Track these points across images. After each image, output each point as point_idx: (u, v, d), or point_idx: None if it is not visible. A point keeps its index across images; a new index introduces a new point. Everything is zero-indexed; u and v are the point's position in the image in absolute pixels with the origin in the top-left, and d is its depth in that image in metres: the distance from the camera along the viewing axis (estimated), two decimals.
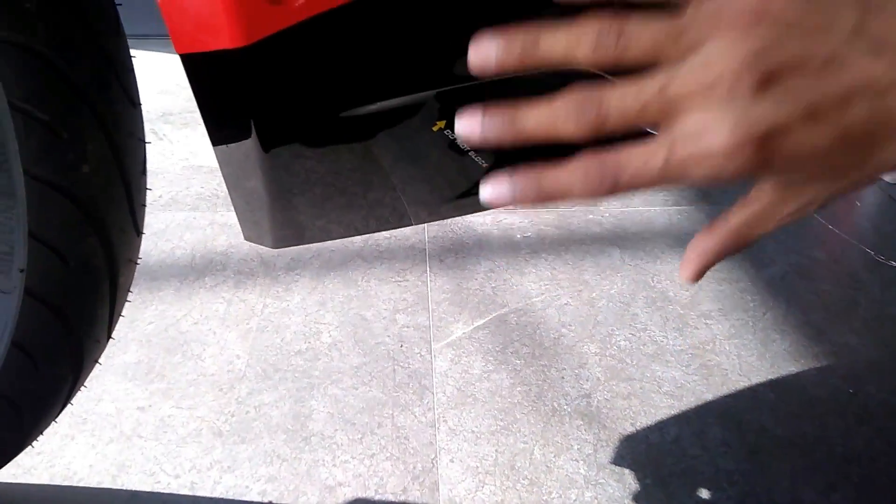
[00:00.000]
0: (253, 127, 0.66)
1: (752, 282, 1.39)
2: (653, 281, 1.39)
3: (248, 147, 0.70)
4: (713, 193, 1.69)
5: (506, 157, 0.79)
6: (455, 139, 0.75)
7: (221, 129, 0.69)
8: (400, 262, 1.43)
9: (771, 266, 1.44)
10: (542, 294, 1.34)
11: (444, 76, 0.62)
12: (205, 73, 0.61)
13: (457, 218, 1.57)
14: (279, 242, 0.89)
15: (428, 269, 1.41)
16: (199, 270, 1.39)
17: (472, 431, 1.05)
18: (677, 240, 1.53)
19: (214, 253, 1.45)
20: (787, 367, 1.19)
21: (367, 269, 1.41)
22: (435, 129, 0.72)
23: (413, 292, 1.34)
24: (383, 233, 1.49)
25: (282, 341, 1.23)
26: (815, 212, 0.61)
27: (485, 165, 0.82)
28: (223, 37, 0.56)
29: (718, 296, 1.35)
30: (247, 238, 0.92)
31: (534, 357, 1.20)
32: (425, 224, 1.60)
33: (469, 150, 0.78)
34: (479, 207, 0.88)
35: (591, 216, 1.60)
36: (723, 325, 1.27)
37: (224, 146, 0.72)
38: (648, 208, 1.63)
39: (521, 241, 1.50)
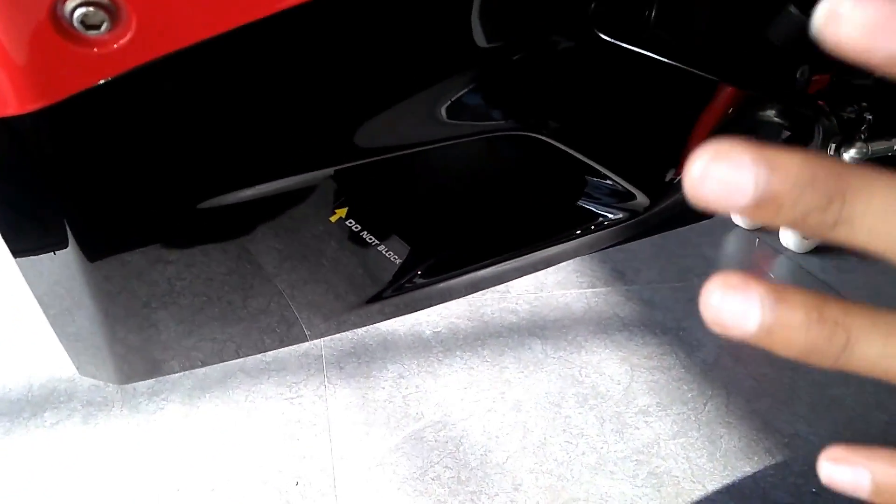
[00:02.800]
0: (68, 228, 0.46)
1: (685, 368, 1.27)
2: (580, 374, 1.24)
3: (66, 257, 0.49)
4: (627, 273, 1.59)
5: (431, 249, 0.62)
6: (360, 230, 0.57)
7: (22, 233, 0.48)
8: (291, 373, 1.21)
9: (701, 349, 1.33)
10: (462, 400, 1.16)
11: (345, 147, 0.45)
12: None
13: None
14: (127, 378, 0.67)
15: (326, 379, 1.20)
16: (37, 404, 1.11)
17: None
18: (599, 325, 1.40)
19: (57, 379, 1.17)
20: (741, 466, 1.05)
21: (252, 385, 1.18)
22: (333, 219, 0.55)
23: (309, 411, 1.12)
24: None
25: (143, 490, 0.96)
26: None
27: (397, 261, 0.64)
28: (6, 97, 0.36)
29: (653, 387, 1.22)
30: (84, 374, 0.69)
31: (459, 482, 1.00)
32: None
33: (378, 244, 0.60)
34: (393, 314, 0.70)
35: (504, 304, 1.44)
36: (664, 423, 1.13)
37: (29, 257, 0.51)
38: (564, 291, 1.50)
39: (432, 338, 1.32)
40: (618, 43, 0.48)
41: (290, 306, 0.64)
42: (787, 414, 1.17)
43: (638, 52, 0.50)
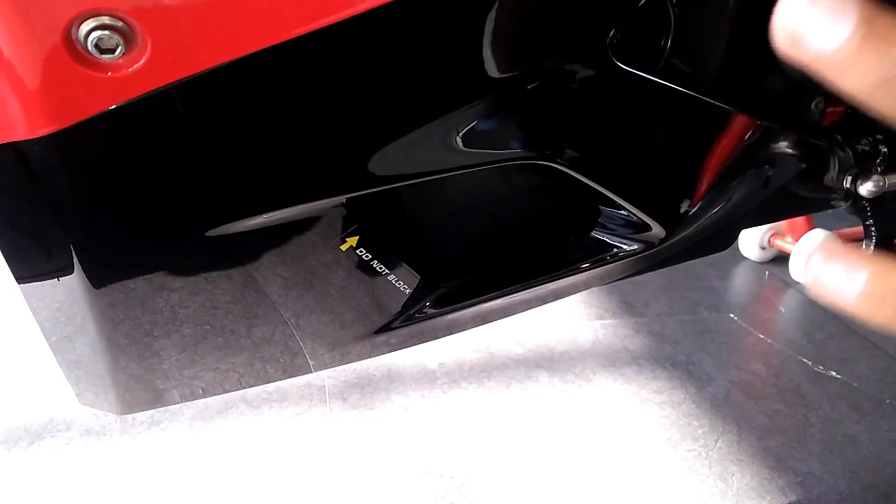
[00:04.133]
0: (74, 254, 0.45)
1: (695, 403, 1.25)
2: (588, 408, 1.22)
3: (71, 283, 0.48)
4: (636, 305, 1.57)
5: (441, 279, 0.61)
6: (370, 259, 0.56)
7: (27, 258, 0.47)
8: (294, 404, 1.19)
9: (711, 384, 1.31)
10: (467, 434, 1.14)
11: (359, 175, 0.44)
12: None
13: None
14: (128, 408, 0.65)
15: (329, 410, 1.18)
16: (35, 433, 1.09)
17: None
18: (607, 358, 1.38)
19: (55, 408, 1.15)
20: None
21: (254, 415, 1.16)
22: (344, 247, 0.53)
23: (312, 442, 1.10)
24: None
25: None
26: None
27: (406, 291, 0.63)
28: (16, 121, 0.35)
29: (663, 423, 1.19)
30: (84, 403, 0.67)
31: None
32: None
33: (388, 272, 0.59)
34: (399, 345, 0.68)
35: (511, 335, 1.43)
36: (674, 460, 1.11)
37: (34, 284, 0.50)
38: (571, 323, 1.48)
39: (437, 369, 1.31)
40: (635, 72, 0.48)
41: (295, 336, 0.62)
42: (801, 452, 1.14)
43: (655, 81, 0.50)
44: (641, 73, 0.48)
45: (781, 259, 1.77)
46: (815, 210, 1.00)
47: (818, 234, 1.65)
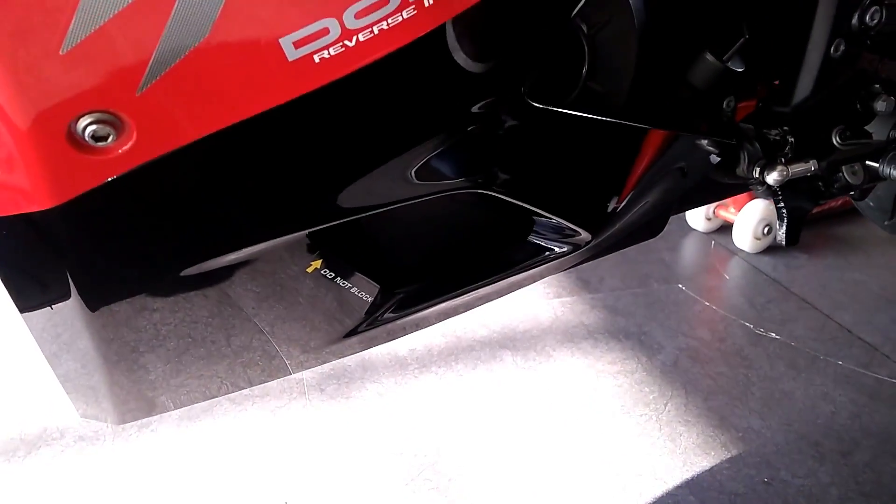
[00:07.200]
0: (73, 286, 0.52)
1: (647, 371, 1.36)
2: (549, 384, 1.31)
3: (70, 310, 0.55)
4: (591, 282, 1.67)
5: (399, 287, 0.69)
6: (334, 277, 0.64)
7: (31, 295, 0.54)
8: (275, 398, 1.26)
9: (661, 352, 1.42)
10: (437, 415, 1.23)
11: (323, 211, 0.52)
12: (9, 237, 0.47)
13: None
14: (125, 418, 0.72)
15: (308, 402, 1.26)
16: (31, 443, 1.16)
17: None
18: (565, 334, 1.48)
19: (47, 418, 1.21)
20: (699, 462, 1.14)
21: (238, 412, 1.23)
22: (310, 269, 0.61)
23: (294, 433, 1.18)
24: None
25: None
26: None
27: (369, 299, 0.71)
28: (29, 198, 0.42)
29: (617, 392, 1.30)
30: (83, 416, 0.75)
31: (438, 492, 1.07)
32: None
33: (351, 286, 0.67)
34: (370, 344, 0.76)
35: (476, 318, 1.51)
36: (628, 425, 1.21)
37: (36, 312, 0.57)
38: (532, 302, 1.58)
39: (408, 356, 1.39)
40: (549, 108, 0.56)
41: (272, 343, 0.70)
42: (742, 409, 1.26)
43: (569, 114, 0.58)
44: (554, 109, 0.56)
45: (726, 228, 1.88)
46: (736, 193, 1.09)
47: (759, 205, 1.76)
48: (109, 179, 0.42)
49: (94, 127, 0.39)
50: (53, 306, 0.55)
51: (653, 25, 0.64)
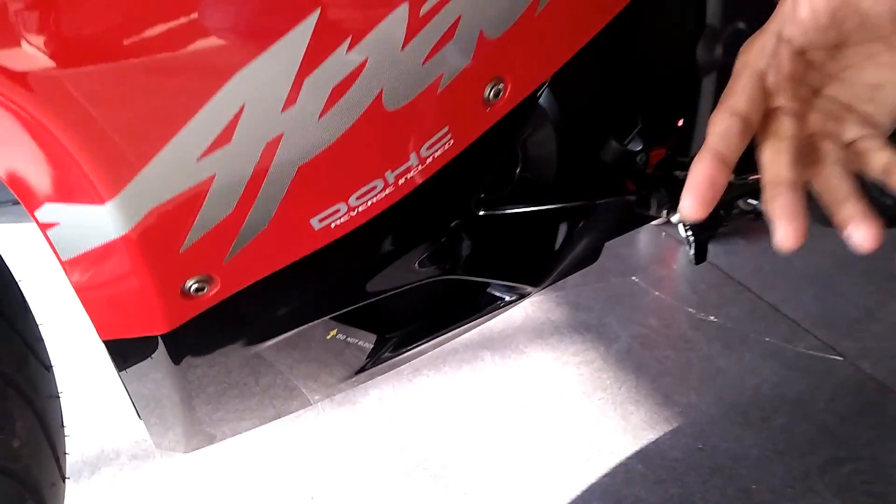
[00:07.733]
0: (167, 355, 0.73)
1: (604, 360, 1.60)
2: (521, 378, 1.56)
3: (158, 363, 0.76)
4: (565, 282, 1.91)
5: (388, 331, 0.92)
6: (348, 339, 0.87)
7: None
8: None
9: (616, 341, 1.66)
10: (431, 414, 1.47)
11: (346, 299, 0.74)
12: (128, 353, 0.69)
13: None
14: (192, 447, 0.95)
15: (321, 410, 1.49)
16: (93, 464, 1.39)
17: None
18: (535, 331, 1.72)
19: (102, 441, 1.44)
20: (646, 435, 1.39)
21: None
22: (329, 336, 0.84)
23: (313, 437, 1.42)
24: None
25: None
26: None
27: (368, 347, 0.94)
28: (146, 326, 0.64)
29: (579, 380, 1.54)
30: (158, 447, 0.97)
31: (435, 480, 1.31)
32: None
33: (359, 341, 0.90)
34: (377, 374, 0.99)
35: None
36: (588, 409, 1.46)
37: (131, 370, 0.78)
38: None
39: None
40: (491, 212, 0.79)
41: (294, 382, 0.93)
42: (683, 387, 1.51)
43: (507, 213, 0.81)
44: (497, 212, 0.79)
45: None
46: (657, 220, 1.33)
47: None
48: (201, 312, 0.64)
49: (196, 285, 0.61)
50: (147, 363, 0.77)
51: (567, 125, 0.86)
